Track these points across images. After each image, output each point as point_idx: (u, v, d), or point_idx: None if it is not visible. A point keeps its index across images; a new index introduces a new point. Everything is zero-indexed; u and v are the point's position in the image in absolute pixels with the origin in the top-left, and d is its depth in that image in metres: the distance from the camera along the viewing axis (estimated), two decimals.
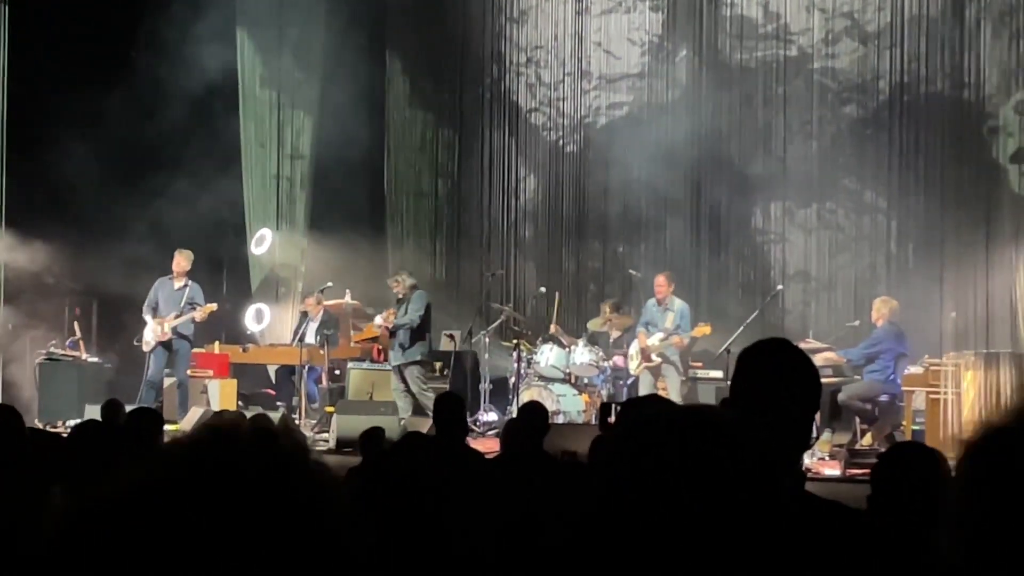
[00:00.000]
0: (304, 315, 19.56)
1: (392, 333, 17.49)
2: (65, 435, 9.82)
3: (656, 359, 17.28)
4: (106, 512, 1.38)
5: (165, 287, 18.00)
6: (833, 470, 14.22)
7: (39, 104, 18.89)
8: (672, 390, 16.95)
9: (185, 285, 17.97)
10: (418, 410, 17.05)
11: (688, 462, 1.82)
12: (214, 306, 18.11)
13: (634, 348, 17.58)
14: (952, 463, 4.87)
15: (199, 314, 17.82)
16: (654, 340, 17.24)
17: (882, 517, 4.51)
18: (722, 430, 1.87)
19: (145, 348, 17.93)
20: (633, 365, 17.57)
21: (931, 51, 18.90)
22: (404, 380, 17.40)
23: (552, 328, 18.69)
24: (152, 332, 17.85)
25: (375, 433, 10.60)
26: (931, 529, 4.50)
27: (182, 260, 17.98)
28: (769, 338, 3.71)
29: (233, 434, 1.46)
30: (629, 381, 17.73)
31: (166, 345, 17.84)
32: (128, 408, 11.12)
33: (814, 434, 12.97)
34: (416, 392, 17.35)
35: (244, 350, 19.69)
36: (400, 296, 17.59)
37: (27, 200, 18.67)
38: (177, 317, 17.77)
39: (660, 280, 17.50)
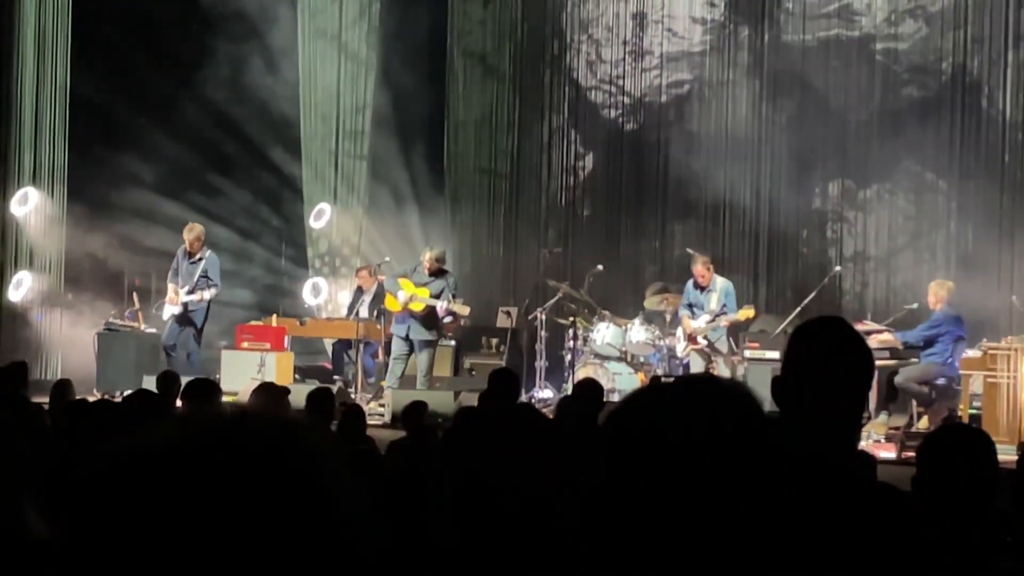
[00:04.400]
0: (359, 289, 19.57)
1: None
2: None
3: (702, 341, 17.26)
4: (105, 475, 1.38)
5: (184, 258, 18.03)
6: (889, 452, 14.17)
7: (103, 84, 19.04)
8: (723, 371, 16.93)
9: (200, 259, 17.94)
10: (408, 382, 17.35)
11: (690, 425, 1.82)
12: (208, 294, 17.93)
13: (680, 331, 17.57)
14: (1012, 446, 4.83)
15: (198, 297, 17.76)
16: (700, 323, 17.22)
17: (926, 499, 4.49)
18: (725, 395, 1.86)
19: (165, 317, 18.04)
20: (680, 348, 17.56)
21: (994, 33, 18.76)
22: (411, 350, 17.62)
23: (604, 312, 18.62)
24: (169, 301, 17.94)
25: (417, 407, 10.65)
26: (976, 511, 4.48)
27: (189, 237, 17.91)
28: (821, 316, 3.71)
29: (249, 419, 1.45)
30: (685, 362, 17.71)
31: (180, 317, 17.87)
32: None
33: (866, 413, 12.94)
34: (423, 375, 17.52)
35: (301, 323, 19.69)
36: (428, 270, 17.60)
37: (89, 173, 18.79)
38: (190, 292, 17.76)
39: (698, 270, 17.42)
